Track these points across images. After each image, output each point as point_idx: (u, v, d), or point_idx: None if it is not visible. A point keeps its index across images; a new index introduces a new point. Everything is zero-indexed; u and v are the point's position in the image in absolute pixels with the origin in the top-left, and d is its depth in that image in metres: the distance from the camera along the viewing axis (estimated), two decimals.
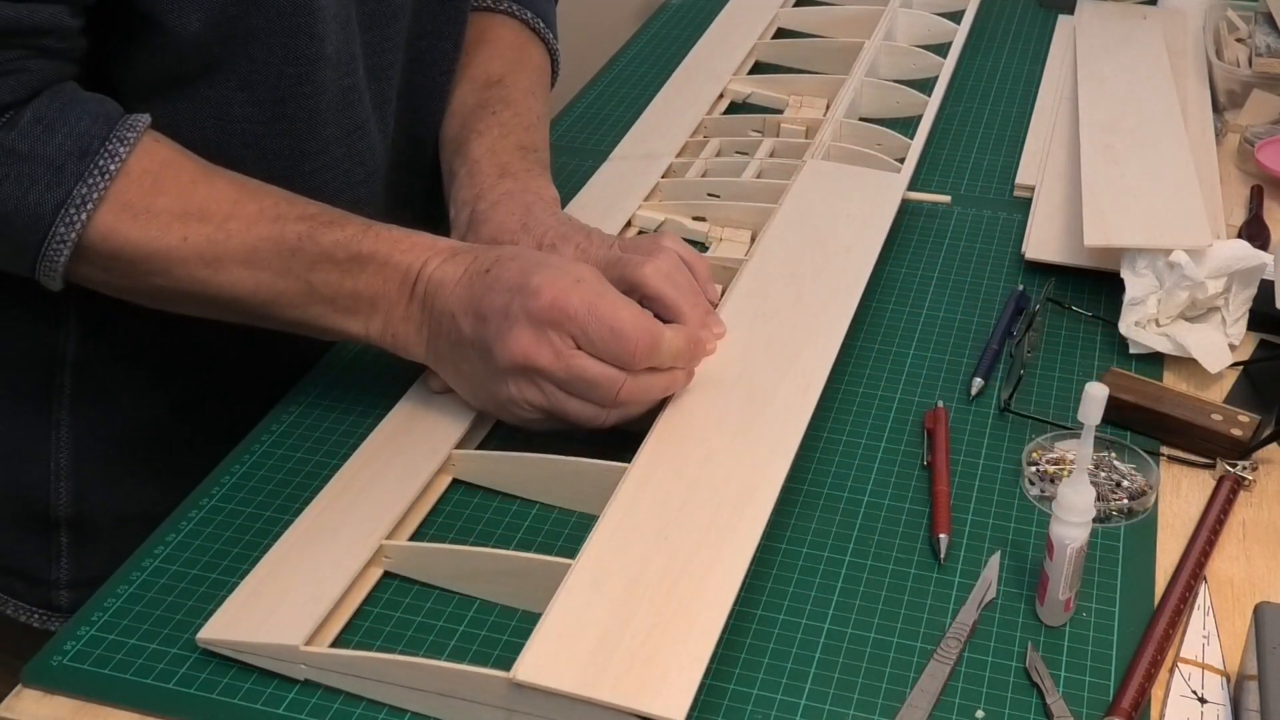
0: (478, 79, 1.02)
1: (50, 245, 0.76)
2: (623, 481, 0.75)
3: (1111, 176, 1.07)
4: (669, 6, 1.55)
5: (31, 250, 0.76)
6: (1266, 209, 1.13)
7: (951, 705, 0.68)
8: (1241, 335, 0.94)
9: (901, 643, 0.71)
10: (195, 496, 0.81)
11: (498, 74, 1.02)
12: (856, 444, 0.85)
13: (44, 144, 0.75)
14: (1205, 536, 0.78)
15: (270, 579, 0.72)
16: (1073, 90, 1.27)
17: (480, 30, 1.04)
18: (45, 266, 0.77)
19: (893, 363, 0.93)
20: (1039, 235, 1.06)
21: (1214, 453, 0.85)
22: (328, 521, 0.76)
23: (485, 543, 0.78)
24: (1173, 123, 1.16)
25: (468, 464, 0.82)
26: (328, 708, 0.67)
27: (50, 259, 0.77)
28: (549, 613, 0.66)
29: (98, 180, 0.76)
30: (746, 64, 1.35)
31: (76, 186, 0.75)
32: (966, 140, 1.25)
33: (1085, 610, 0.73)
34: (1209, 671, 0.70)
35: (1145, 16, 1.42)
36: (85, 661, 0.70)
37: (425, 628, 0.72)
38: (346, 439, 0.84)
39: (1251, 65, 1.30)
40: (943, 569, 0.76)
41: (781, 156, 1.13)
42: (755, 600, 0.74)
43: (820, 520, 0.79)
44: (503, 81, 1.02)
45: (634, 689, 0.62)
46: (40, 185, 0.75)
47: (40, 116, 0.75)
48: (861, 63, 1.28)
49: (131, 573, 0.75)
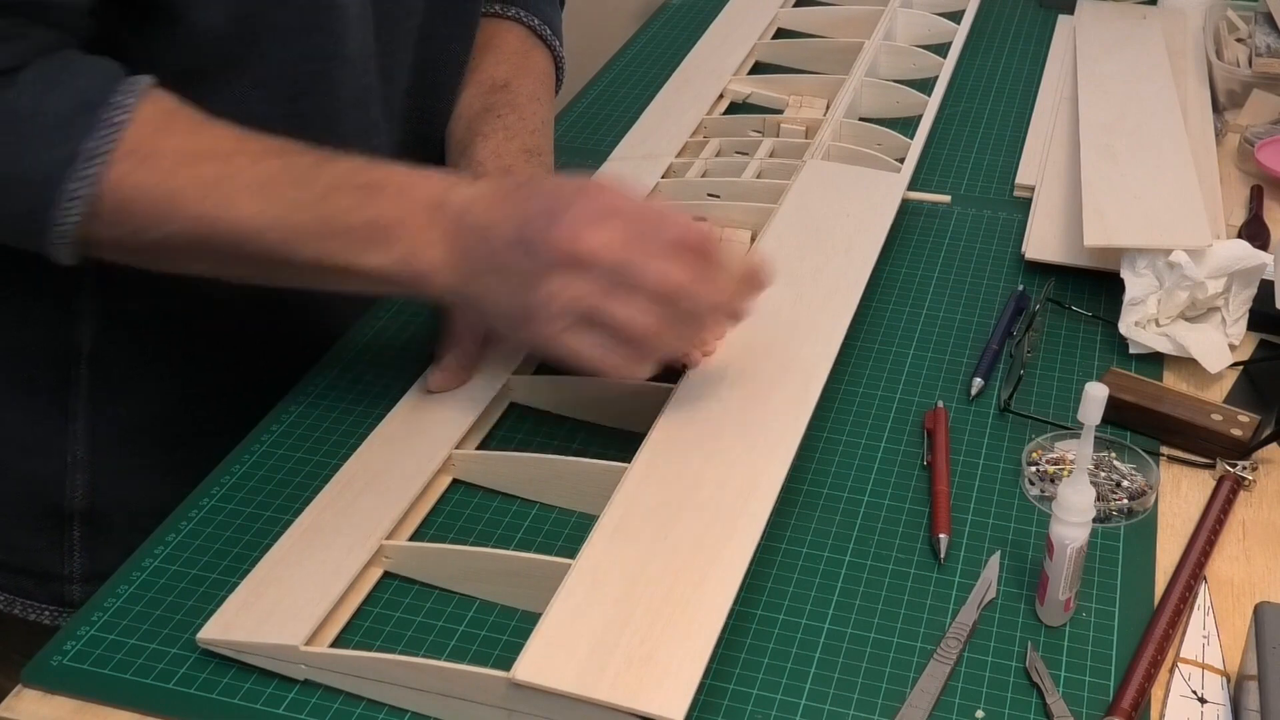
0: (483, 83, 1.02)
1: (62, 205, 0.73)
2: (622, 481, 0.75)
3: (1111, 176, 1.07)
4: (669, 6, 1.55)
5: (42, 213, 0.73)
6: (1266, 209, 1.13)
7: (951, 705, 0.68)
8: (1241, 335, 0.95)
9: (901, 643, 0.71)
10: (195, 496, 0.81)
11: (503, 78, 1.02)
12: (856, 444, 0.85)
13: (47, 101, 0.73)
14: (1205, 536, 0.78)
15: (270, 579, 0.72)
16: (1073, 90, 1.27)
17: (487, 36, 1.04)
18: (57, 232, 0.73)
19: (893, 363, 0.93)
20: (1039, 235, 1.06)
21: (1214, 453, 0.85)
22: (328, 521, 0.76)
23: (485, 543, 0.78)
24: (1173, 123, 1.16)
25: (468, 464, 0.82)
26: (328, 708, 0.67)
27: (62, 221, 0.73)
28: (548, 613, 0.66)
29: (107, 134, 0.73)
30: (746, 64, 1.35)
31: (85, 142, 0.72)
32: (966, 140, 1.25)
33: (1085, 610, 0.73)
34: (1209, 671, 0.70)
35: (1145, 16, 1.42)
36: (85, 661, 0.70)
37: (425, 628, 0.72)
38: (346, 439, 0.84)
39: (1251, 65, 1.30)
40: (943, 569, 0.76)
41: (781, 156, 1.13)
42: (755, 600, 0.74)
43: (820, 520, 0.79)
44: (508, 86, 1.02)
45: (633, 689, 0.62)
46: (47, 144, 0.72)
47: (41, 74, 0.73)
48: (861, 63, 1.28)
49: (131, 572, 0.75)
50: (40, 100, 0.73)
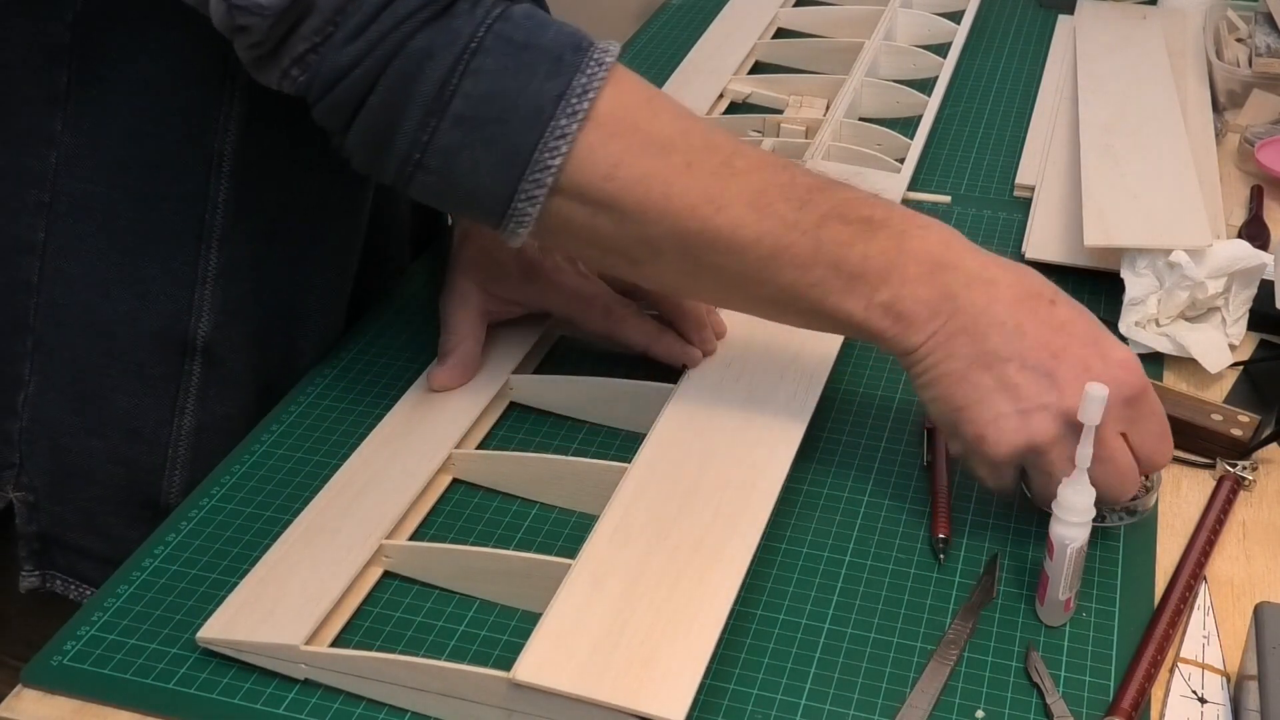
0: None
1: (548, 143, 0.69)
2: (623, 481, 0.75)
3: (1111, 176, 1.07)
4: (669, 6, 1.55)
5: (525, 154, 0.69)
6: (1266, 209, 1.13)
7: (951, 705, 0.68)
8: (1241, 335, 0.95)
9: (901, 643, 0.71)
10: (195, 496, 0.81)
11: None
12: (856, 444, 0.85)
13: (539, 36, 0.70)
14: (1205, 536, 0.78)
15: (270, 579, 0.72)
16: (1073, 90, 1.27)
17: None
18: (532, 183, 0.70)
19: (893, 362, 0.93)
20: (1039, 235, 1.06)
21: (1214, 453, 0.85)
22: (328, 521, 0.76)
23: (485, 543, 0.78)
24: (1173, 123, 1.16)
25: (468, 464, 0.82)
26: (328, 708, 0.67)
27: (543, 165, 0.69)
28: (548, 613, 0.66)
29: (595, 71, 0.70)
30: (746, 64, 1.35)
31: (577, 77, 0.70)
32: (966, 140, 1.25)
33: (1085, 610, 0.73)
34: (1209, 671, 0.70)
35: (1145, 16, 1.42)
36: (85, 661, 0.70)
37: (425, 628, 0.72)
38: (346, 439, 0.84)
39: (1251, 65, 1.30)
40: (943, 569, 0.76)
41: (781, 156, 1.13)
42: (755, 600, 0.74)
43: (820, 520, 0.79)
44: None
45: (633, 689, 0.62)
46: (544, 75, 0.69)
47: (530, 14, 0.72)
48: (861, 63, 1.28)
49: (131, 573, 0.75)
50: (533, 35, 0.71)
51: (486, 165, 0.71)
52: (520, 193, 0.71)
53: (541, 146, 0.70)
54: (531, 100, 0.69)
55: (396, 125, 0.71)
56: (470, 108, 0.70)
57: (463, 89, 0.70)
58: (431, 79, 0.69)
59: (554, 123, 0.69)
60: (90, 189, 0.81)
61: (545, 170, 0.70)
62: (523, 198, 0.71)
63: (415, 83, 0.70)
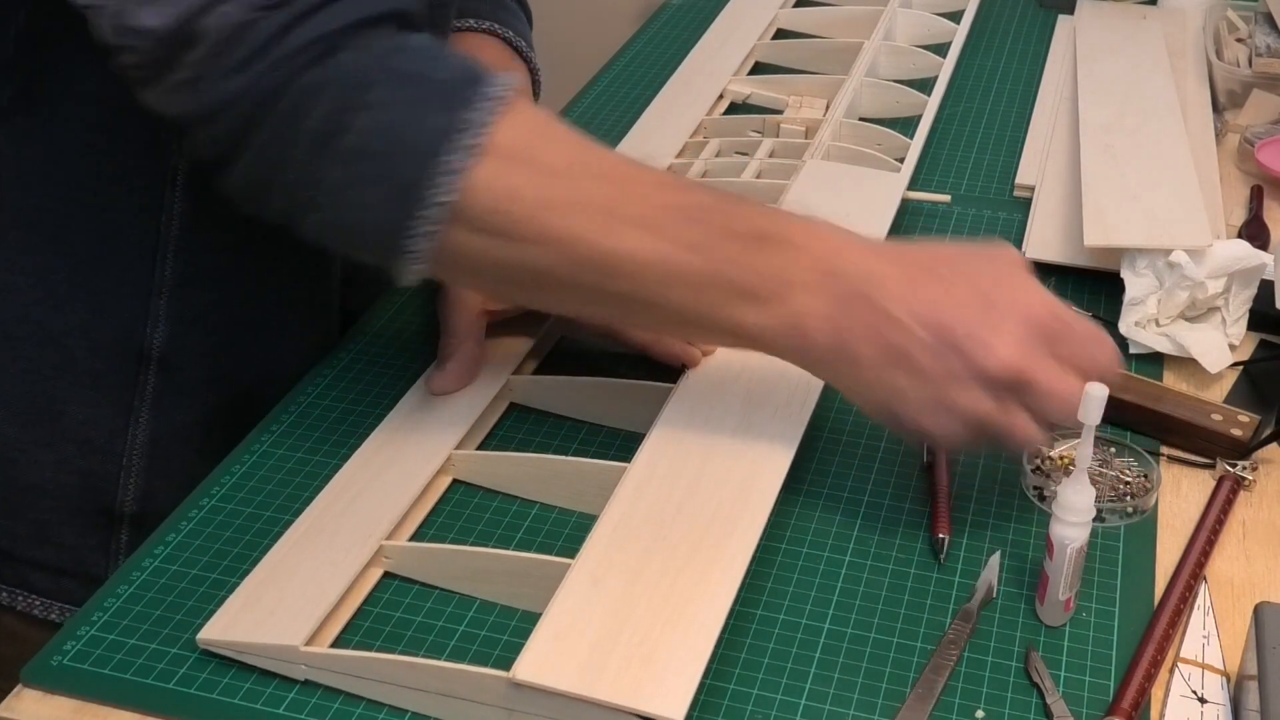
0: None
1: (437, 179, 0.68)
2: (622, 481, 0.75)
3: (1111, 176, 1.07)
4: (669, 6, 1.55)
5: (413, 189, 0.68)
6: (1266, 209, 1.13)
7: (951, 705, 0.68)
8: (1241, 335, 0.95)
9: (901, 643, 0.71)
10: (195, 496, 0.81)
11: None
12: (856, 444, 0.85)
13: (434, 70, 0.70)
14: (1205, 536, 0.78)
15: (270, 579, 0.72)
16: (1073, 90, 1.27)
17: (464, 48, 1.04)
18: (420, 218, 0.68)
19: None
20: (1039, 235, 1.06)
21: (1214, 453, 0.85)
22: (328, 521, 0.76)
23: (485, 543, 0.78)
24: (1173, 123, 1.16)
25: (468, 464, 0.82)
26: (328, 708, 0.67)
27: (432, 200, 0.68)
28: (548, 612, 0.66)
29: (487, 105, 0.69)
30: (746, 64, 1.35)
31: (466, 111, 0.68)
32: (966, 140, 1.25)
33: (1085, 610, 0.73)
34: (1209, 671, 0.70)
35: (1145, 16, 1.42)
36: (85, 661, 0.70)
37: (425, 628, 0.72)
38: (346, 439, 0.84)
39: (1251, 65, 1.30)
40: (943, 569, 0.76)
41: (781, 157, 1.13)
42: (755, 600, 0.74)
43: (820, 520, 0.79)
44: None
45: (633, 688, 0.62)
46: (430, 109, 0.68)
47: (426, 47, 0.71)
48: (861, 63, 1.28)
49: (131, 573, 0.75)
50: (428, 68, 0.70)
51: (375, 201, 0.69)
52: (408, 228, 0.69)
53: (428, 182, 0.68)
54: (420, 135, 0.68)
55: (284, 162, 0.69)
56: (360, 143, 0.69)
57: (354, 125, 0.68)
58: (319, 114, 0.68)
59: (442, 157, 0.68)
60: (40, 203, 0.81)
61: (433, 206, 0.69)
62: (412, 232, 0.69)
63: (304, 118, 0.68)
